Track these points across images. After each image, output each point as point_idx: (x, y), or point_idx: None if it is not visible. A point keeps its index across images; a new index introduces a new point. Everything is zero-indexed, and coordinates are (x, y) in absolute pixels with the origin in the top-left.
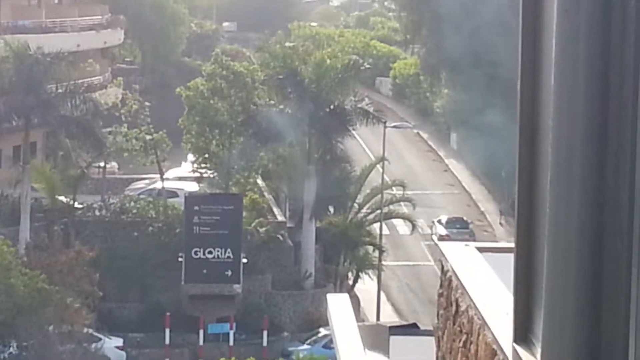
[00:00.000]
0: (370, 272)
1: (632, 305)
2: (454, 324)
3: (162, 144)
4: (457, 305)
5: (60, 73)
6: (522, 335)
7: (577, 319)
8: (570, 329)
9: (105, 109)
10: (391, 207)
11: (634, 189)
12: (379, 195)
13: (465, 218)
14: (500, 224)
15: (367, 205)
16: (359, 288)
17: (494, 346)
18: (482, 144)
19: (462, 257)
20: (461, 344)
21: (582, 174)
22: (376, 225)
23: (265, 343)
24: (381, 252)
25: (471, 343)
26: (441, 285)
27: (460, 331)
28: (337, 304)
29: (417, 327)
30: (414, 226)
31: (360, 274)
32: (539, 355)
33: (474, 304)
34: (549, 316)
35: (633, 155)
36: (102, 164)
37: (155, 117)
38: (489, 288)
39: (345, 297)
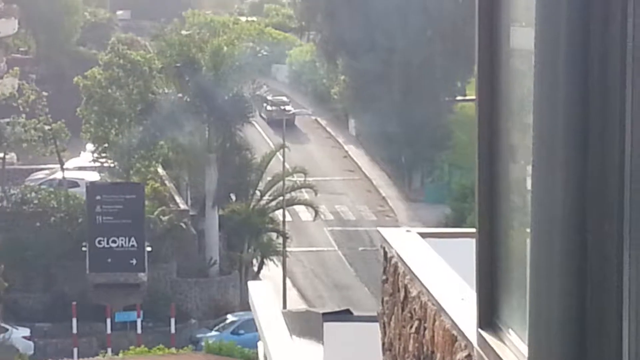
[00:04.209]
0: (274, 258)
1: (624, 290)
2: (402, 310)
3: (61, 134)
4: (407, 291)
5: None
6: (487, 320)
7: (563, 304)
8: (557, 316)
9: (2, 100)
10: (293, 194)
11: (623, 170)
12: (281, 182)
13: None
14: None
15: (269, 193)
16: (264, 274)
17: (454, 332)
18: (381, 130)
19: (406, 242)
20: (413, 330)
21: (566, 157)
22: (279, 212)
23: (173, 330)
24: (285, 238)
25: (425, 329)
26: (385, 272)
27: (411, 317)
28: (258, 291)
29: (351, 313)
30: (316, 212)
31: (264, 260)
32: (506, 340)
33: (426, 289)
34: (535, 302)
35: (622, 133)
36: (1, 154)
37: (53, 107)
38: (439, 273)
39: (267, 284)
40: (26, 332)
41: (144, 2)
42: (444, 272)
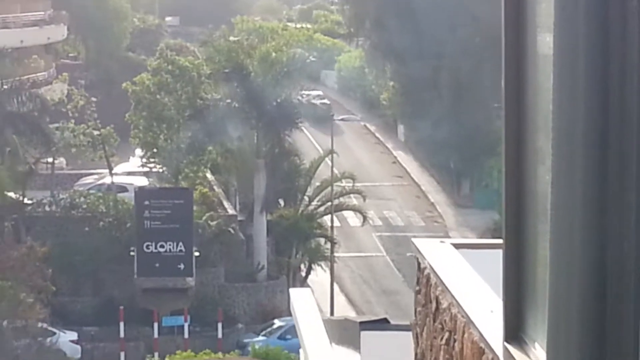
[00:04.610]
0: (322, 263)
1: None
2: (434, 321)
3: (109, 139)
4: (438, 303)
5: (5, 69)
6: (513, 334)
7: (582, 320)
8: (576, 331)
9: (51, 105)
10: (341, 199)
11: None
12: (329, 188)
13: None
14: None
15: (317, 198)
16: (311, 280)
17: (482, 344)
18: (430, 136)
19: (439, 253)
20: (443, 342)
21: (585, 174)
22: (327, 218)
23: (220, 335)
24: (333, 243)
25: (455, 341)
26: (418, 282)
27: (442, 329)
28: (300, 298)
29: (388, 322)
30: (364, 218)
31: (312, 265)
32: (531, 354)
33: (456, 301)
34: (553, 318)
35: (639, 153)
36: (50, 159)
37: (101, 112)
38: (471, 285)
39: (307, 291)
40: (74, 336)
41: (192, 9)
42: (475, 283)
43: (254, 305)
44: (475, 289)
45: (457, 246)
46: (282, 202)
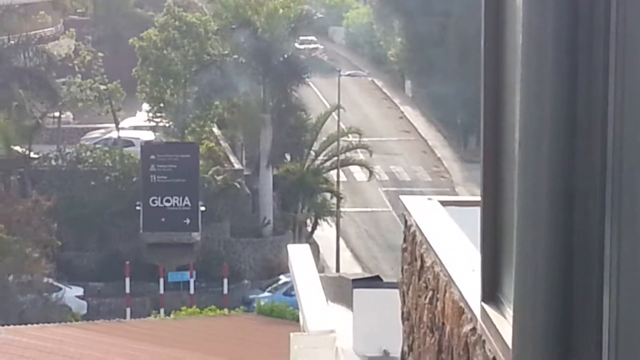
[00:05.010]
0: (328, 218)
1: (605, 265)
2: (419, 279)
3: (116, 94)
4: (422, 261)
5: (12, 25)
6: (490, 294)
7: (549, 279)
8: (543, 289)
9: (58, 60)
10: (347, 154)
11: (605, 150)
12: (335, 143)
13: None
14: None
15: (324, 153)
16: (317, 235)
17: (461, 304)
18: (437, 91)
19: (426, 211)
20: (427, 301)
21: (552, 134)
22: (333, 173)
23: (225, 291)
24: (339, 198)
25: (437, 300)
26: (405, 240)
27: (426, 287)
28: (298, 255)
29: (380, 279)
30: (371, 173)
31: (318, 220)
32: (507, 315)
33: (439, 260)
34: (519, 276)
35: (604, 114)
36: (56, 114)
37: (108, 67)
38: (454, 244)
39: (306, 247)
40: (79, 291)
41: None
42: (459, 242)
43: (260, 260)
44: (459, 247)
45: (445, 203)
46: (288, 157)
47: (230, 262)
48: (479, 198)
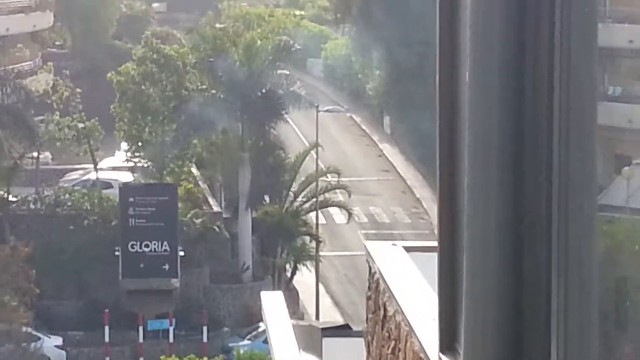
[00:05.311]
0: (308, 263)
1: (552, 312)
2: (382, 329)
3: (94, 133)
4: (385, 310)
5: None
6: (448, 343)
7: (498, 329)
8: (491, 341)
9: (36, 97)
10: (327, 195)
11: (551, 196)
12: (314, 183)
13: None
14: None
15: (303, 194)
16: (297, 280)
17: (421, 355)
18: (416, 128)
19: (389, 258)
20: (389, 351)
21: (500, 173)
22: (312, 214)
23: (205, 339)
24: (318, 242)
25: (399, 350)
26: (369, 288)
27: (389, 337)
28: (271, 302)
29: (350, 328)
30: (349, 215)
31: (298, 265)
32: None
33: (400, 309)
34: (469, 325)
35: (549, 160)
36: (35, 154)
37: (87, 103)
38: (417, 292)
39: (279, 294)
40: (58, 340)
41: None
42: (422, 289)
43: (240, 307)
44: (422, 295)
45: (409, 249)
46: (267, 198)
47: (210, 309)
48: None
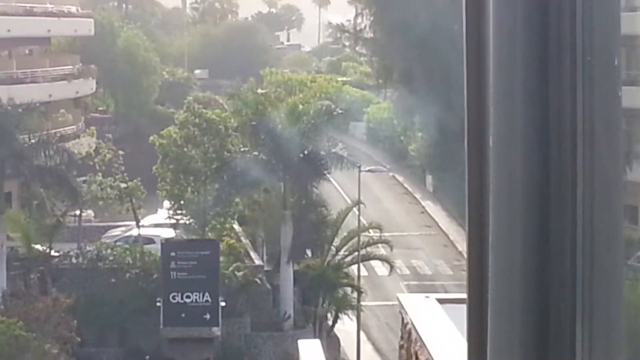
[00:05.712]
0: (349, 312)
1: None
2: None
3: (137, 192)
4: (417, 358)
5: (33, 123)
6: None
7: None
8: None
9: (79, 159)
10: (368, 249)
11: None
12: (356, 238)
13: None
14: None
15: (345, 248)
16: (338, 328)
17: None
18: (458, 186)
19: (422, 309)
20: None
21: (523, 237)
22: (354, 267)
23: None
24: (360, 292)
25: None
26: (402, 337)
27: None
28: (308, 350)
29: None
30: (391, 267)
31: (339, 314)
32: None
33: (431, 356)
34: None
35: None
36: (77, 212)
37: (129, 165)
38: (447, 341)
39: (316, 342)
40: None
41: (221, 62)
42: (453, 340)
43: (281, 354)
44: (453, 345)
45: (442, 301)
46: (309, 252)
47: (251, 356)
48: None
